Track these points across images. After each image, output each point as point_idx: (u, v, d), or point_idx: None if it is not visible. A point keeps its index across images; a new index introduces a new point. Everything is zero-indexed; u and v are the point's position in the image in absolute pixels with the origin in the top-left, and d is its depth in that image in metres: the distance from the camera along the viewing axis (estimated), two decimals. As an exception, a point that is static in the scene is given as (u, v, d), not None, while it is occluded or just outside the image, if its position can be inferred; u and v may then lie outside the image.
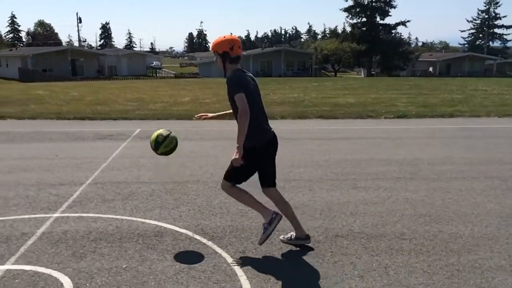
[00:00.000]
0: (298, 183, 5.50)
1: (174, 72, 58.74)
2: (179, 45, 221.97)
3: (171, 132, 3.68)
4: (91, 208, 4.52)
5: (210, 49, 3.61)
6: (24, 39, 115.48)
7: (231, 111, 3.56)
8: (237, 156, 3.24)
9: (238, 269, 3.25)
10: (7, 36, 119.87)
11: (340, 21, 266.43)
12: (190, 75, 56.07)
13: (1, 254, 3.45)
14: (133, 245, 3.64)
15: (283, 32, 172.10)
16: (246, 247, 3.64)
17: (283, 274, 3.19)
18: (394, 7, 54.54)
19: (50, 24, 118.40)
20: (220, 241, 3.75)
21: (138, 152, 7.19)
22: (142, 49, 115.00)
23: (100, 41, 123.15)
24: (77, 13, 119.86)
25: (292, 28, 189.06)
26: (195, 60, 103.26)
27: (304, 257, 3.49)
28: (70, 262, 3.33)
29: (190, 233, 3.91)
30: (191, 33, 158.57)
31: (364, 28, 55.71)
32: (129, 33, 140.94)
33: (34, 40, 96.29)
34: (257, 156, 3.43)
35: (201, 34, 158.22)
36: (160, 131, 3.69)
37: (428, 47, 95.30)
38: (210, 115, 3.97)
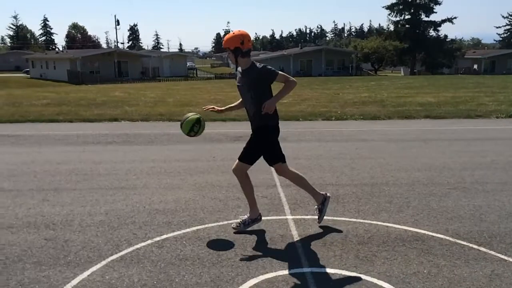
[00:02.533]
0: (495, 186, 5.31)
1: (213, 73, 59.19)
2: (204, 46, 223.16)
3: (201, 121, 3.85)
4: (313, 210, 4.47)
5: (223, 46, 3.78)
6: (55, 42, 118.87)
7: (237, 103, 4.05)
8: (271, 102, 3.57)
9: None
10: (40, 39, 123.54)
11: (366, 19, 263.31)
12: (230, 75, 56.25)
13: (293, 257, 3.42)
14: (406, 250, 3.54)
15: (307, 31, 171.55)
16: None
17: None
18: (439, 4, 53.30)
19: (84, 27, 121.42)
20: (493, 246, 3.61)
21: (304, 152, 7.15)
22: (169, 50, 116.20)
23: (128, 42, 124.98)
24: (115, 16, 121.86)
25: (317, 26, 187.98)
26: (226, 60, 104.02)
27: None
28: (364, 266, 3.26)
29: (449, 238, 3.78)
30: (219, 33, 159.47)
31: (408, 26, 54.59)
32: (156, 34, 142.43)
33: (74, 42, 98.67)
34: (276, 133, 3.80)
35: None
36: (194, 117, 3.85)
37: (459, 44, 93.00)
38: (217, 108, 4.07)
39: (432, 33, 54.42)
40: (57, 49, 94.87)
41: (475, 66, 56.58)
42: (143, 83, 38.29)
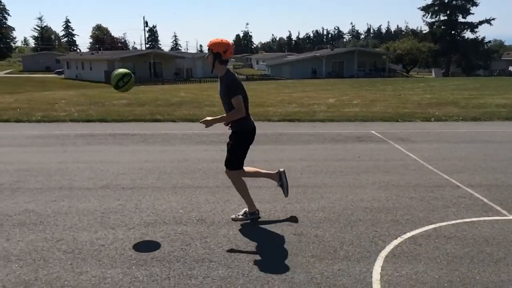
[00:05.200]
0: None
1: (244, 74, 59.30)
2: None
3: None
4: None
5: (207, 45, 3.97)
6: (77, 43, 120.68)
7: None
8: (209, 120, 3.98)
9: None
10: (62, 40, 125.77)
11: (384, 20, 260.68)
12: (260, 76, 56.26)
13: None
14: None
15: (324, 32, 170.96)
16: None
17: None
18: (477, 5, 52.52)
19: (107, 28, 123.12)
20: None
21: (439, 154, 7.16)
22: (188, 51, 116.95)
23: (147, 44, 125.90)
24: (143, 17, 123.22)
25: (335, 28, 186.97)
26: (248, 61, 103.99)
27: None
28: None
29: None
30: (238, 34, 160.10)
31: (444, 27, 53.93)
32: (175, 36, 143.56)
33: (100, 43, 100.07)
34: (248, 137, 4.06)
35: (247, 36, 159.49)
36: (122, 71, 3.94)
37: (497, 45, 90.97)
38: (210, 118, 4.06)
39: (468, 34, 53.64)
40: (79, 50, 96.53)
41: (511, 68, 55.57)
42: (187, 84, 38.63)
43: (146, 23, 71.82)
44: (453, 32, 53.05)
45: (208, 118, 4.01)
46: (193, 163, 6.53)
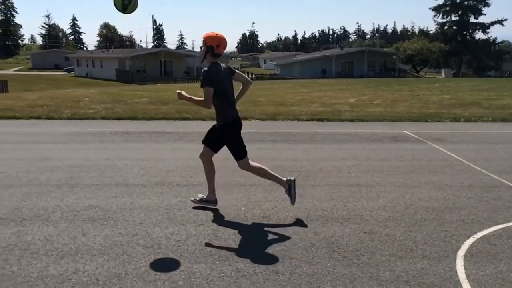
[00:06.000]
0: None
1: (252, 73, 59.39)
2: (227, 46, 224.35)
3: None
4: None
5: (202, 37, 4.17)
6: (83, 41, 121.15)
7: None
8: (182, 93, 4.21)
9: None
10: (69, 38, 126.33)
11: (390, 20, 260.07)
12: (269, 76, 56.28)
13: None
14: None
15: (330, 32, 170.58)
16: None
17: None
18: (488, 6, 52.30)
19: (115, 27, 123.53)
20: None
21: (481, 154, 7.20)
22: (194, 50, 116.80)
23: (153, 42, 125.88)
24: (152, 16, 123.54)
25: (340, 28, 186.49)
26: (255, 61, 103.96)
27: None
28: None
29: None
30: (245, 34, 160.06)
31: (455, 28, 53.73)
32: (181, 34, 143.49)
33: (108, 42, 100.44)
34: (231, 128, 4.23)
35: (253, 35, 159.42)
36: None
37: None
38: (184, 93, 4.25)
39: (480, 35, 53.40)
40: (86, 48, 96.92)
41: (522, 69, 55.31)
42: (198, 82, 38.68)
43: (155, 22, 71.90)
44: (464, 32, 52.83)
45: (183, 92, 4.22)
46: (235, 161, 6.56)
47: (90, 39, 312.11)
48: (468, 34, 52.95)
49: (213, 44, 4.08)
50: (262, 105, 14.28)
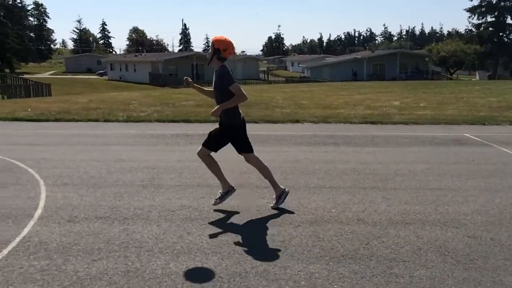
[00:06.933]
0: None
1: (282, 76, 59.55)
2: (251, 49, 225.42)
3: None
4: None
5: (212, 39, 4.27)
6: (113, 45, 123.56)
7: (209, 90, 4.54)
8: (215, 110, 4.23)
9: None
10: (99, 42, 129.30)
11: (417, 22, 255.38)
12: (300, 78, 56.19)
13: None
14: None
15: (356, 34, 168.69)
16: None
17: None
18: (527, 6, 50.72)
19: (143, 31, 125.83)
20: None
21: None
22: None
23: (179, 46, 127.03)
24: (182, 20, 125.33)
25: (367, 30, 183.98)
26: (282, 64, 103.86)
27: None
28: None
29: None
30: (270, 37, 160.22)
31: (491, 29, 52.36)
32: (207, 38, 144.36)
33: (138, 45, 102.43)
34: (239, 128, 4.40)
35: (278, 38, 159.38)
36: None
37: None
38: (192, 83, 4.42)
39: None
40: (115, 52, 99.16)
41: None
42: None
43: (184, 26, 73.04)
44: (501, 34, 51.39)
45: (214, 109, 4.25)
46: (307, 163, 6.60)
47: (119, 43, 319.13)
48: (504, 35, 51.48)
49: (221, 47, 4.17)
50: (308, 108, 14.28)
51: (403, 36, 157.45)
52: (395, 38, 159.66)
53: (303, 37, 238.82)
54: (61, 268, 3.28)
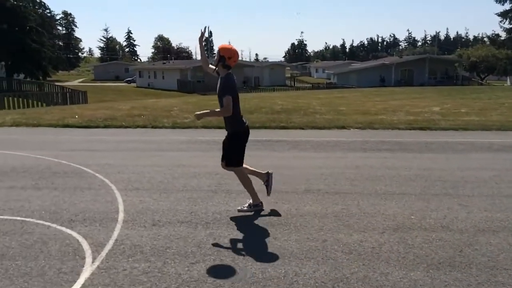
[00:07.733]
0: None
1: (309, 83, 59.46)
2: (273, 55, 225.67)
3: None
4: None
5: (218, 47, 4.41)
6: (138, 53, 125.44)
7: (206, 62, 4.70)
8: (199, 113, 4.35)
9: None
10: (125, 50, 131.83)
11: (442, 27, 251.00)
12: (326, 84, 55.88)
13: None
14: None
15: (379, 40, 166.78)
16: None
17: None
18: (563, 9, 49.16)
19: (168, 39, 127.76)
20: None
21: None
22: (242, 59, 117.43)
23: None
24: (208, 27, 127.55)
25: (390, 35, 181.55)
26: (306, 70, 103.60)
27: None
28: None
29: None
30: (293, 43, 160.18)
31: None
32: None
33: (164, 53, 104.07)
34: (241, 138, 4.50)
35: (301, 44, 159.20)
36: None
37: None
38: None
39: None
40: (140, 60, 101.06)
41: None
42: (259, 92, 39.23)
43: (210, 33, 73.86)
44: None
45: (198, 112, 4.36)
46: (368, 170, 6.55)
47: (144, 51, 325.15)
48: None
49: (226, 55, 4.30)
50: (348, 114, 14.19)
51: (428, 41, 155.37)
52: (419, 43, 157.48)
53: (326, 43, 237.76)
54: (163, 271, 3.34)
